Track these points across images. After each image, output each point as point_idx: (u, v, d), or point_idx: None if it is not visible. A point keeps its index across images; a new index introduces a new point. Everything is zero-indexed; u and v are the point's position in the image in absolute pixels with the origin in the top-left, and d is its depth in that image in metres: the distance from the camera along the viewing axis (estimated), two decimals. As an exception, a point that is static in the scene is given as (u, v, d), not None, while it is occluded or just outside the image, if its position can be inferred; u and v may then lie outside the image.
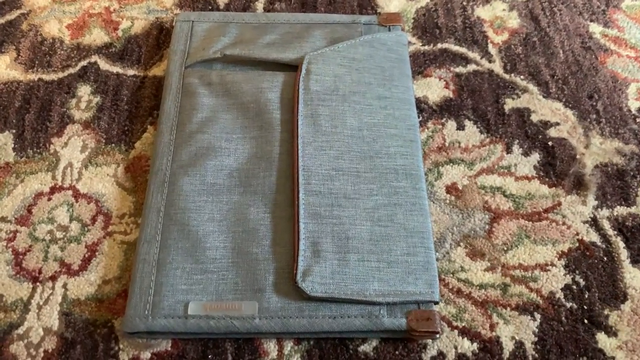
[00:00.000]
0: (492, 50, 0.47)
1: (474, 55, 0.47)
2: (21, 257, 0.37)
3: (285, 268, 0.35)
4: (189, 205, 0.37)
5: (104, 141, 0.42)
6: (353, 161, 0.38)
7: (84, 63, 0.46)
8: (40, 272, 0.36)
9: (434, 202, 0.40)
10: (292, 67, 0.43)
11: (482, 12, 0.49)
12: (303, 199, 0.36)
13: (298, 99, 0.40)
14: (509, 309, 0.35)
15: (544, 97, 0.45)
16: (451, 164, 0.41)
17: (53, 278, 0.36)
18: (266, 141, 0.39)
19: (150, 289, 0.34)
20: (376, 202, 0.37)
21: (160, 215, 0.36)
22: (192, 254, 0.35)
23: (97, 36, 0.47)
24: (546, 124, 0.43)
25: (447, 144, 0.42)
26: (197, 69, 0.43)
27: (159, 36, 0.47)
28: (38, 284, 0.36)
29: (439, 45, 0.47)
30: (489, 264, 0.37)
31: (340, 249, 0.35)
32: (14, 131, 0.42)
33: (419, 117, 0.43)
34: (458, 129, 0.43)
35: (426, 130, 0.43)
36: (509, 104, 0.44)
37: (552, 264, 0.37)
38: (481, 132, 0.43)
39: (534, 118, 0.43)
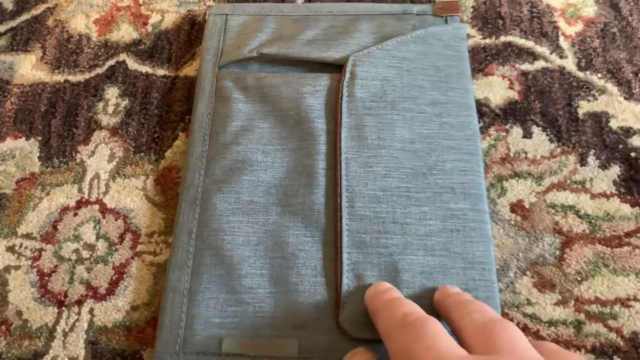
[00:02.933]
0: (563, 44, 0.41)
1: (542, 49, 0.41)
2: (46, 278, 0.35)
3: (327, 302, 0.31)
4: (222, 227, 0.33)
5: (132, 149, 0.39)
6: (403, 179, 0.34)
7: (111, 62, 0.43)
8: (65, 296, 0.34)
9: (496, 224, 0.35)
10: (337, 68, 0.38)
11: (552, 0, 0.43)
12: (346, 224, 0.32)
13: (341, 107, 0.36)
14: (583, 350, 0.31)
15: (625, 99, 0.38)
16: (517, 178, 0.36)
17: (79, 302, 0.34)
18: (307, 154, 0.35)
19: (181, 321, 0.31)
20: (430, 227, 0.32)
21: (192, 237, 0.33)
22: (226, 283, 0.32)
23: (125, 32, 0.44)
24: (628, 131, 0.37)
25: (511, 155, 0.37)
26: (231, 70, 0.39)
27: (191, 31, 0.44)
28: (64, 308, 0.34)
29: (502, 39, 0.42)
30: (559, 297, 0.33)
31: (388, 282, 0.31)
32: (39, 138, 0.40)
33: (479, 123, 0.38)
34: (524, 136, 0.38)
35: (488, 138, 0.38)
36: (584, 107, 0.38)
37: (635, 299, 0.32)
38: (551, 140, 0.37)
39: (614, 124, 0.38)
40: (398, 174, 0.34)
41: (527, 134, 0.38)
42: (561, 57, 0.40)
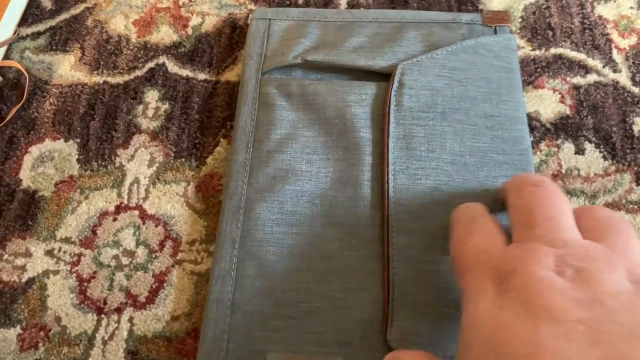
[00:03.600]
0: (617, 57, 0.40)
1: (594, 62, 0.40)
2: (85, 284, 0.34)
3: (374, 319, 0.30)
4: (266, 237, 0.32)
5: (172, 155, 0.38)
6: (453, 194, 0.33)
7: (151, 65, 0.42)
8: (105, 303, 0.33)
9: (548, 243, 0.34)
10: (383, 76, 0.37)
11: (605, 11, 0.42)
12: (394, 238, 0.31)
13: (389, 117, 0.35)
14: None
15: (682, 116, 0.37)
16: (569, 195, 0.35)
17: (119, 310, 0.33)
18: (352, 164, 0.34)
19: (224, 333, 0.30)
20: None
21: (235, 247, 0.32)
22: (270, 296, 0.31)
23: (165, 34, 0.43)
24: (686, 150, 0.36)
25: (563, 171, 0.36)
26: (275, 77, 0.38)
27: (232, 35, 0.43)
28: (103, 315, 0.33)
29: (553, 50, 0.40)
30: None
31: (437, 301, 0.30)
32: (78, 140, 0.39)
33: (530, 138, 0.36)
34: (577, 153, 0.36)
35: (539, 153, 0.36)
36: (639, 124, 0.37)
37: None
38: (605, 157, 0.36)
39: (671, 142, 0.36)
40: (448, 187, 0.33)
41: (580, 151, 0.36)
42: (614, 71, 0.39)
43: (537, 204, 0.26)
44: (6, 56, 0.44)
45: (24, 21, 0.45)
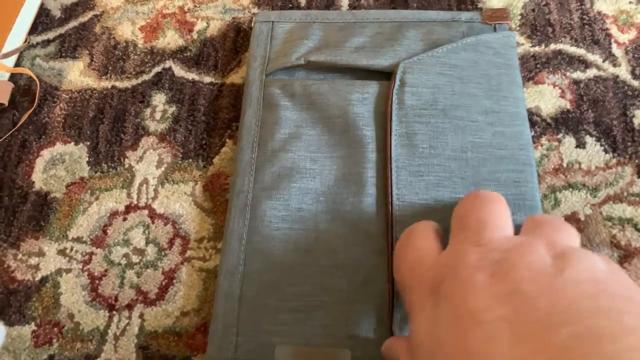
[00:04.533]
0: (616, 51, 0.40)
1: (594, 57, 0.40)
2: (97, 282, 0.35)
3: (380, 312, 0.31)
4: (273, 233, 0.33)
5: (180, 156, 0.39)
6: (455, 190, 0.33)
7: (158, 69, 0.43)
8: (116, 300, 0.34)
9: (550, 235, 0.34)
10: (385, 75, 0.38)
11: (604, 6, 0.42)
12: (397, 233, 0.32)
13: (391, 115, 0.35)
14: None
15: (682, 108, 0.37)
16: (570, 189, 0.35)
17: (129, 307, 0.34)
18: (355, 162, 0.35)
19: (233, 327, 0.31)
20: None
21: (243, 243, 0.33)
22: (277, 290, 0.32)
23: (171, 39, 0.44)
24: (686, 142, 0.36)
25: (565, 165, 0.36)
26: (278, 78, 0.39)
27: (236, 39, 0.44)
28: (114, 312, 0.34)
29: (552, 46, 0.41)
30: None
31: None
32: (88, 143, 0.40)
33: (530, 133, 0.37)
34: (578, 146, 0.37)
35: (540, 147, 0.37)
36: (640, 116, 0.37)
37: (699, 315, 0.31)
38: (606, 151, 0.36)
39: (671, 134, 0.37)
40: (450, 183, 0.33)
41: (581, 144, 0.37)
42: (614, 65, 0.39)
43: (471, 209, 0.26)
44: (17, 64, 0.45)
45: (34, 30, 0.46)
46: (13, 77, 0.44)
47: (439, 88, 0.36)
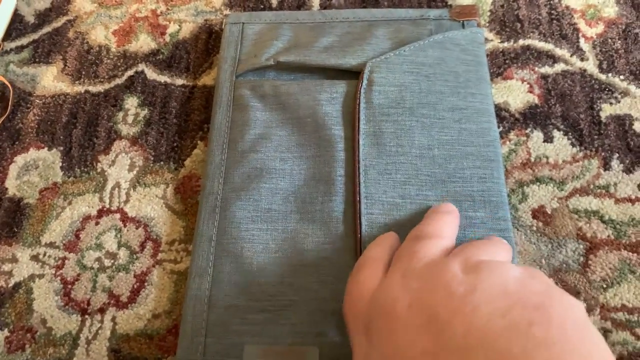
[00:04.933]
0: (584, 45, 0.40)
1: (562, 52, 0.40)
2: (70, 286, 0.35)
3: None
4: (242, 234, 0.33)
5: (152, 159, 0.39)
6: (422, 187, 0.33)
7: (130, 72, 0.43)
8: (88, 304, 0.34)
9: (518, 230, 0.34)
10: (354, 74, 0.38)
11: (572, 1, 0.42)
12: (366, 232, 0.32)
13: (359, 114, 0.36)
14: None
15: (649, 100, 0.38)
16: (538, 183, 0.36)
17: (102, 310, 0.34)
18: (325, 161, 0.35)
19: (202, 328, 0.31)
20: None
21: (212, 245, 0.33)
22: (246, 290, 0.32)
23: (143, 42, 0.45)
24: (653, 134, 0.37)
25: (532, 159, 0.36)
26: (248, 79, 0.39)
27: (208, 41, 0.44)
28: (87, 316, 0.34)
29: (521, 42, 0.41)
30: (585, 305, 0.32)
31: None
32: (61, 148, 0.40)
33: (499, 128, 0.37)
34: (545, 141, 0.37)
35: (508, 142, 0.37)
36: (606, 110, 0.38)
37: (664, 306, 0.31)
38: (573, 144, 0.37)
39: (638, 127, 0.37)
40: (417, 181, 0.34)
41: (548, 139, 0.37)
42: (582, 60, 0.40)
43: (411, 239, 0.27)
44: (-9, 70, 0.45)
45: (7, 36, 0.46)
46: (-14, 84, 0.44)
47: (405, 86, 0.36)
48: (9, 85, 0.43)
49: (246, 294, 0.32)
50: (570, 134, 0.37)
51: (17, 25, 0.47)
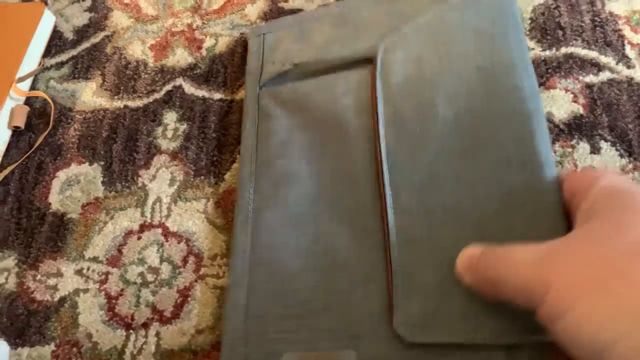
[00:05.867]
0: (630, 53, 0.39)
1: (607, 60, 0.39)
2: (114, 301, 0.35)
3: (381, 308, 0.30)
4: (274, 242, 0.33)
5: (192, 173, 0.39)
6: (451, 163, 0.31)
7: (168, 87, 0.44)
8: (132, 319, 0.35)
9: (567, 244, 0.33)
10: (370, 60, 0.36)
11: (616, 7, 0.41)
12: (392, 221, 0.30)
13: (377, 98, 0.34)
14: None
15: (701, 109, 0.36)
16: (586, 196, 0.35)
17: (146, 325, 0.34)
18: (348, 156, 0.34)
19: (241, 338, 0.31)
20: (485, 210, 0.29)
21: (246, 255, 0.33)
22: (282, 297, 0.31)
23: (180, 57, 0.45)
24: None
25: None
26: (270, 88, 0.39)
27: (244, 54, 0.44)
28: (131, 331, 0.34)
29: (563, 50, 0.40)
30: None
31: (442, 280, 0.28)
32: (102, 163, 0.41)
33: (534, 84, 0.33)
34: (592, 152, 0.36)
35: (553, 154, 0.36)
36: (656, 119, 0.37)
37: None
38: (622, 155, 0.36)
39: (690, 136, 0.36)
40: (444, 157, 0.31)
41: (595, 150, 0.36)
42: (628, 67, 0.39)
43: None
44: (32, 87, 0.46)
45: (47, 52, 0.47)
46: (29, 100, 0.45)
47: (423, 57, 0.34)
48: (50, 102, 0.44)
49: (281, 301, 0.31)
50: (618, 144, 0.36)
51: (56, 41, 0.48)
